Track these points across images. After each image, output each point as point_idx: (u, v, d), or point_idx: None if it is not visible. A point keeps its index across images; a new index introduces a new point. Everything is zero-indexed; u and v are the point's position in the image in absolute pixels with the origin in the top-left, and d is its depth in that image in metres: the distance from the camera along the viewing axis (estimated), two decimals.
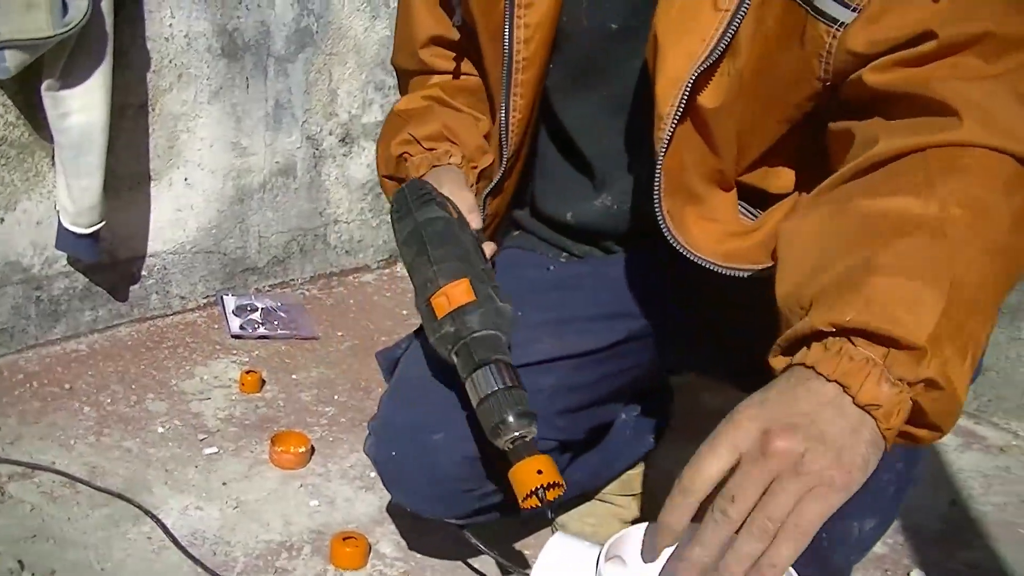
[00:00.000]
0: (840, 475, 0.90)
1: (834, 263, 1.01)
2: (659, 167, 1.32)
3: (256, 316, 2.61)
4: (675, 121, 1.28)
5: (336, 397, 2.34)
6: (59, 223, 2.27)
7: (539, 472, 1.28)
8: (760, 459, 0.91)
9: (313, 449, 2.10)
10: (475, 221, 1.52)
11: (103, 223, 2.27)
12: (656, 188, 1.33)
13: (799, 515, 0.89)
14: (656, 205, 1.34)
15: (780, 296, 1.06)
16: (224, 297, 2.68)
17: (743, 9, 1.21)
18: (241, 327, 2.56)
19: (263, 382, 2.35)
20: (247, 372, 2.33)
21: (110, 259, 2.46)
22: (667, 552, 1.00)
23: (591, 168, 1.58)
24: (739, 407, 0.96)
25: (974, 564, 1.99)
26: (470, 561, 1.79)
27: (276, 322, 2.60)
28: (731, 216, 1.42)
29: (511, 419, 1.32)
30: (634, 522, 1.70)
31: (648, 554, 1.01)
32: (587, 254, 1.66)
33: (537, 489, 1.27)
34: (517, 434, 1.32)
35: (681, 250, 1.34)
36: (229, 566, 1.76)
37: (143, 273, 2.56)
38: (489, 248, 1.55)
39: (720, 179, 1.39)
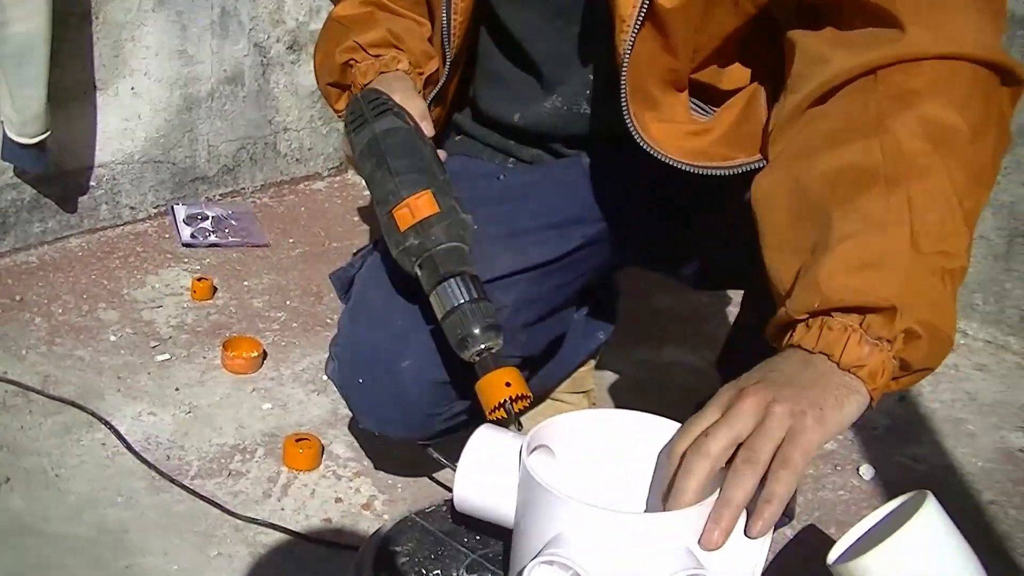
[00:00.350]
0: (820, 431, 0.93)
1: (804, 238, 1.05)
2: (624, 71, 1.32)
3: (207, 224, 2.61)
4: (638, 24, 1.28)
5: (288, 303, 2.35)
6: (4, 134, 2.26)
7: (507, 384, 1.26)
8: (753, 411, 0.93)
9: (265, 354, 2.12)
10: (428, 129, 1.51)
11: (48, 133, 2.26)
12: (623, 92, 1.33)
13: (788, 447, 0.91)
14: (624, 108, 1.34)
15: (766, 265, 1.10)
16: (174, 207, 2.67)
17: None
18: (192, 236, 2.56)
19: (215, 289, 2.36)
20: (198, 280, 2.34)
21: (58, 170, 2.45)
22: (589, 438, 1.02)
23: (539, 70, 1.57)
24: (740, 386, 0.97)
25: (922, 459, 2.03)
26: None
27: (227, 230, 2.61)
28: (685, 116, 1.43)
29: (478, 331, 1.30)
30: None
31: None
32: (535, 158, 1.66)
33: (505, 401, 1.25)
34: (484, 346, 1.31)
35: (649, 150, 1.35)
36: (183, 470, 1.78)
37: (92, 184, 2.55)
38: (441, 155, 1.53)
39: (675, 80, 1.39)
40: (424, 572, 1.02)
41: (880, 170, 1.02)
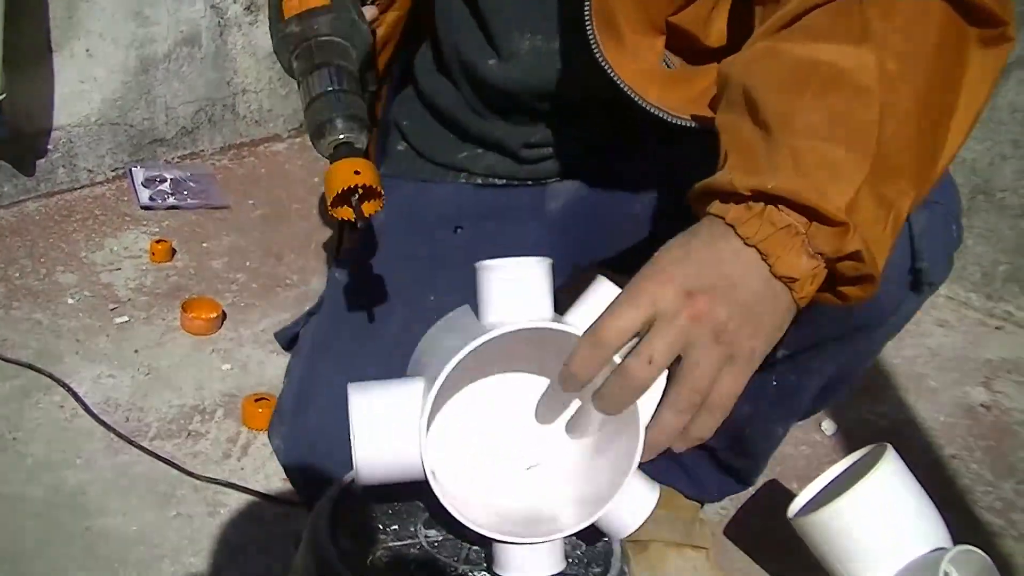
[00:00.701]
0: (758, 346, 0.89)
1: (765, 104, 0.97)
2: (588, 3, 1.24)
3: (166, 187, 2.59)
4: None
5: (248, 264, 2.34)
6: None
7: (356, 172, 1.13)
8: (680, 321, 0.87)
9: (224, 315, 2.10)
10: None
11: (3, 95, 2.23)
12: (588, 23, 1.24)
13: (720, 389, 0.88)
14: (591, 38, 1.25)
15: (717, 120, 1.02)
16: (132, 169, 2.64)
17: None
18: (151, 198, 2.54)
19: (174, 251, 2.34)
20: (157, 242, 2.31)
21: (13, 133, 2.42)
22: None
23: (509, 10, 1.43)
24: (660, 257, 0.91)
25: (883, 414, 2.04)
26: None
27: (186, 192, 2.58)
28: (656, 63, 1.34)
29: (338, 121, 1.17)
30: None
31: (550, 403, 0.97)
32: (489, 171, 1.55)
33: (351, 189, 1.12)
34: (342, 137, 1.17)
35: (625, 89, 1.26)
36: (142, 431, 1.77)
37: (49, 147, 2.52)
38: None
39: (647, 16, 1.30)
40: (381, 527, 1.01)
41: (856, 79, 0.96)
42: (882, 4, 1.01)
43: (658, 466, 0.93)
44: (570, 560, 0.98)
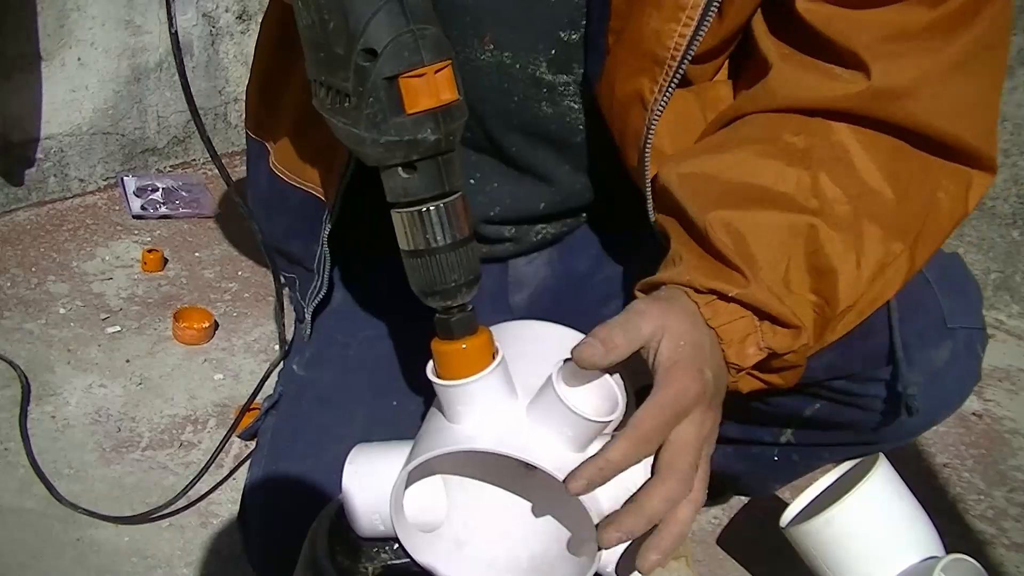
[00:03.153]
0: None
1: (720, 198, 1.01)
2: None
3: (157, 196, 2.58)
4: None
5: (239, 273, 2.34)
6: None
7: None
8: (677, 407, 0.88)
9: (217, 324, 2.10)
10: None
11: None
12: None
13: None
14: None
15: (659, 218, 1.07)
16: (124, 178, 2.64)
17: None
18: (142, 207, 2.54)
19: (165, 261, 2.33)
20: (149, 251, 2.31)
21: (4, 143, 2.42)
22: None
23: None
24: (645, 312, 0.92)
25: None
26: None
27: (178, 201, 2.58)
28: None
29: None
30: None
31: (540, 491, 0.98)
32: None
33: None
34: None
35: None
36: (134, 442, 1.77)
37: (39, 156, 2.52)
38: None
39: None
40: (379, 545, 1.01)
41: (791, 197, 1.01)
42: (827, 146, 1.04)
43: None
44: None
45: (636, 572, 0.89)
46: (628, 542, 0.88)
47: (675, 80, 1.05)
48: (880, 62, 1.01)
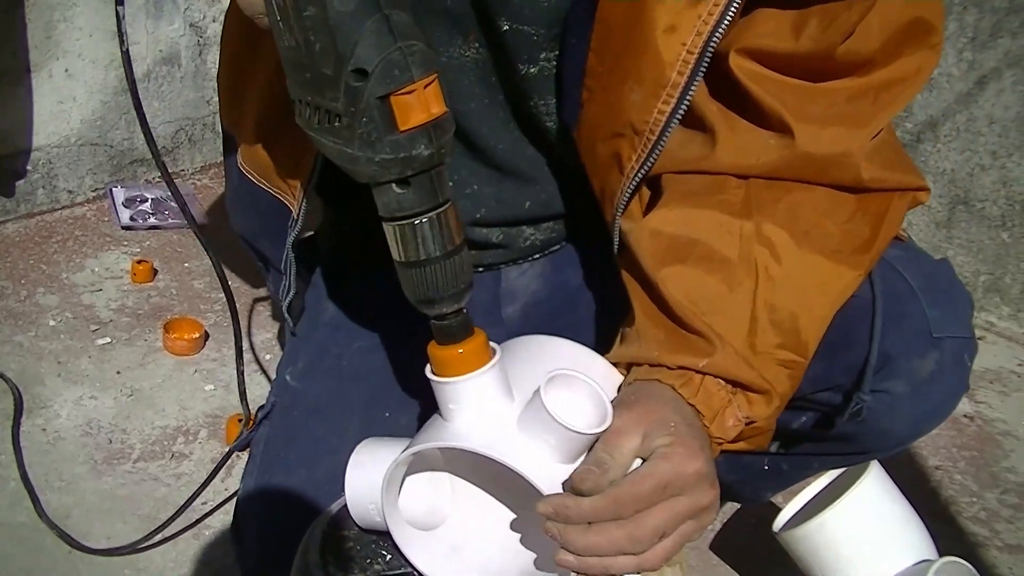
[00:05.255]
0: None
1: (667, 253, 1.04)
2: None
3: (146, 207, 2.58)
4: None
5: (229, 283, 2.32)
6: None
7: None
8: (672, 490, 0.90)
9: (207, 335, 2.10)
10: None
11: None
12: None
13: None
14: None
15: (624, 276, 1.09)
16: (113, 189, 2.63)
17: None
18: (131, 218, 2.53)
19: (155, 272, 2.33)
20: (138, 262, 2.31)
21: None
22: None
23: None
24: (623, 431, 0.92)
25: None
26: None
27: (167, 212, 2.57)
28: None
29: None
30: None
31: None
32: None
33: None
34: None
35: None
36: (125, 453, 1.76)
37: (28, 168, 2.51)
38: None
39: None
40: (372, 557, 1.01)
41: (732, 254, 1.03)
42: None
43: None
44: None
45: None
46: None
47: (656, 152, 1.06)
48: (805, 125, 1.03)
